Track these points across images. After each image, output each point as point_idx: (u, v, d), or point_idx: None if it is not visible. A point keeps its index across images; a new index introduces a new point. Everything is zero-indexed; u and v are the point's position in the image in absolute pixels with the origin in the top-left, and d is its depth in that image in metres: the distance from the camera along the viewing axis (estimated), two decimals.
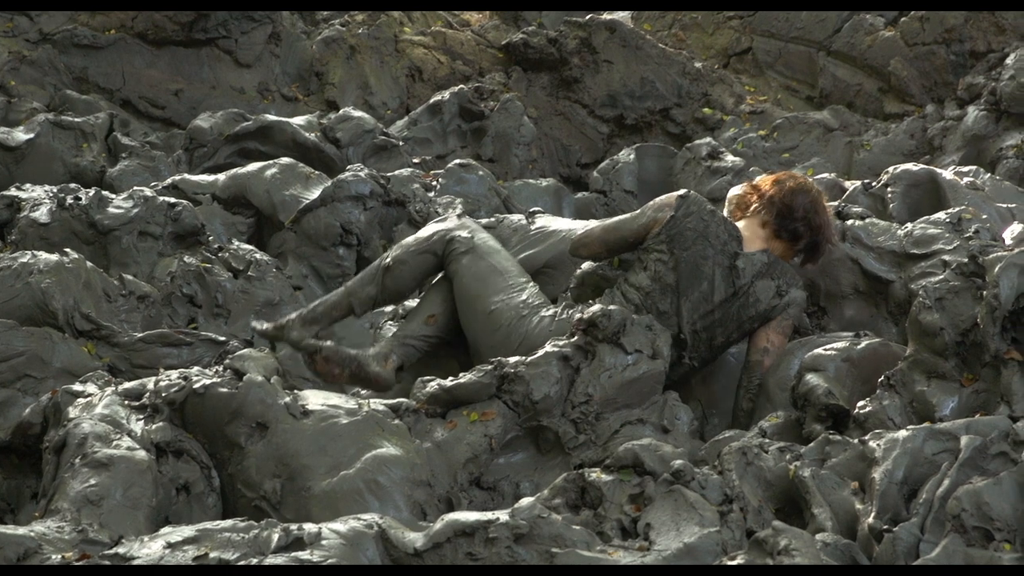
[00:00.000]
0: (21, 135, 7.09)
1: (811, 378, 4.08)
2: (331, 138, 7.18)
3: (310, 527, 3.17)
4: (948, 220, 4.82)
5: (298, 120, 7.36)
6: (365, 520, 3.23)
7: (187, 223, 5.62)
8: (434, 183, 6.56)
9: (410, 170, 6.64)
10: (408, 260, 4.84)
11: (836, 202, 5.33)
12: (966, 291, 3.87)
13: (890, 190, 5.47)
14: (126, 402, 3.96)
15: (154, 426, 3.86)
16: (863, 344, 4.29)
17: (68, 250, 5.10)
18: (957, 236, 4.72)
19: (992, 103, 7.81)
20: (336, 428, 3.82)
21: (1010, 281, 3.68)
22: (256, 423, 3.84)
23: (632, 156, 7.50)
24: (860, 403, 3.94)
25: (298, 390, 4.09)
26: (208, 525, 3.21)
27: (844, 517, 3.32)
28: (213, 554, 3.04)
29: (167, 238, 5.60)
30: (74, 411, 3.88)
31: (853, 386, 4.14)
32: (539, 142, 8.84)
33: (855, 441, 3.52)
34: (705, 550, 3.17)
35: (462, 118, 8.42)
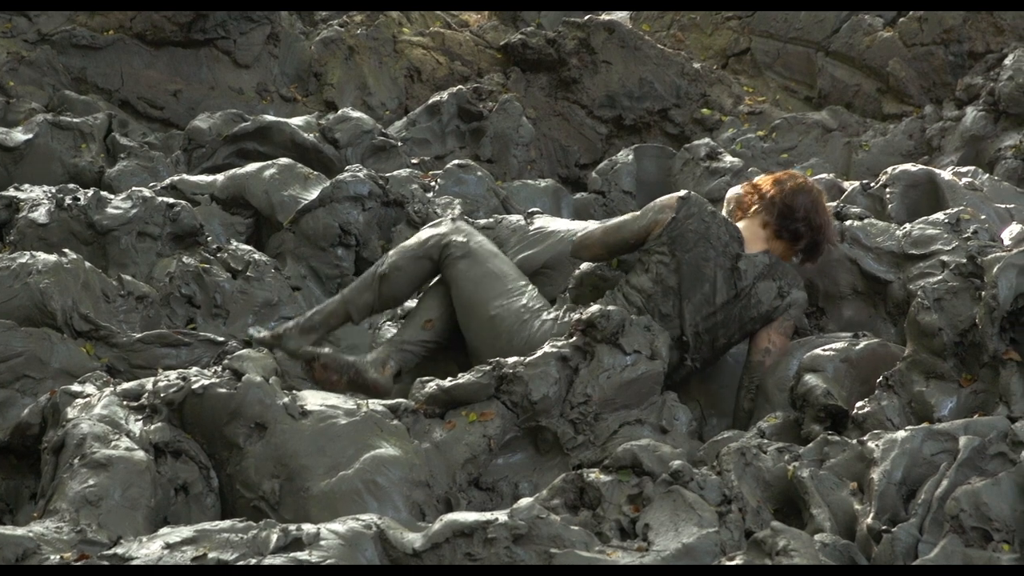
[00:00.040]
0: (20, 135, 7.07)
1: (810, 378, 4.08)
2: (330, 138, 7.17)
3: (309, 528, 3.17)
4: (947, 220, 4.82)
5: (297, 121, 7.35)
6: (364, 520, 3.23)
7: (186, 223, 5.62)
8: (433, 184, 6.56)
9: (409, 170, 6.63)
10: (404, 266, 4.83)
11: (835, 203, 5.33)
12: (965, 291, 3.87)
13: (888, 190, 5.48)
14: (125, 402, 3.96)
15: (153, 426, 3.86)
16: (862, 345, 4.29)
17: (67, 250, 5.10)
18: (956, 236, 4.73)
19: (990, 103, 7.81)
20: (335, 429, 3.82)
21: (1008, 281, 3.68)
22: (255, 423, 3.84)
23: (631, 157, 7.49)
24: (859, 403, 3.94)
25: (297, 390, 4.09)
26: (207, 526, 3.21)
27: (843, 518, 3.32)
28: (212, 554, 3.04)
29: (166, 238, 5.59)
30: (73, 412, 3.87)
31: (852, 386, 4.14)
32: (538, 143, 8.83)
33: (854, 442, 3.52)
34: (704, 550, 3.17)
35: (461, 119, 8.41)
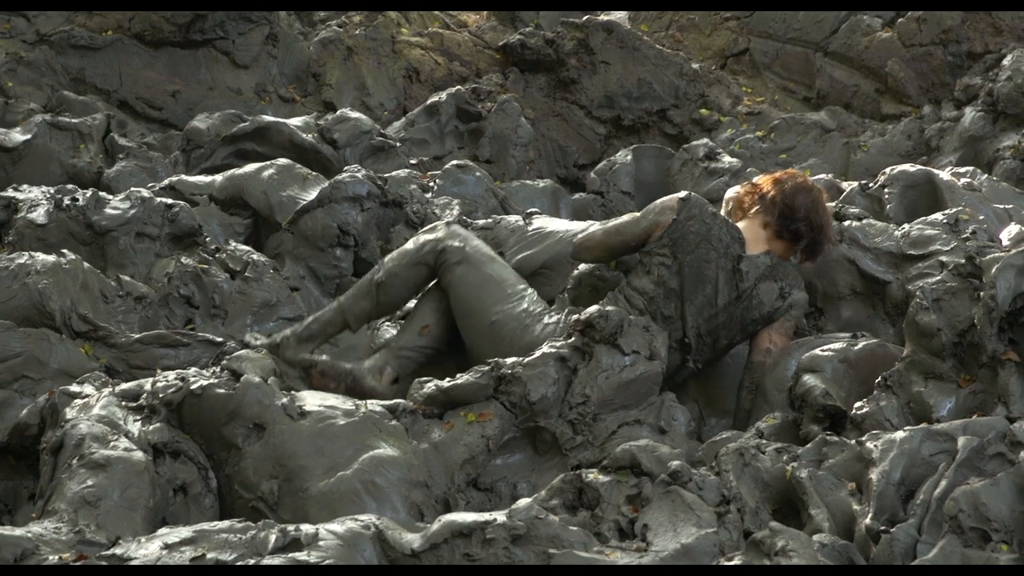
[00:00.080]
0: (18, 136, 7.06)
1: (808, 379, 4.08)
2: (328, 139, 7.16)
3: (307, 528, 3.17)
4: (945, 221, 4.82)
5: (295, 121, 7.35)
6: (362, 521, 3.23)
7: (184, 224, 5.61)
8: (431, 184, 6.55)
9: (407, 171, 6.62)
10: (401, 273, 4.82)
11: (833, 203, 5.33)
12: (963, 292, 3.87)
13: (887, 191, 5.48)
14: (123, 403, 3.96)
15: (151, 427, 3.86)
16: (860, 345, 4.29)
17: (65, 251, 5.09)
18: (954, 237, 4.73)
19: (989, 104, 7.81)
20: (333, 429, 3.82)
21: (1007, 282, 3.68)
22: (253, 424, 3.84)
23: (629, 157, 7.49)
24: (857, 404, 3.94)
25: (295, 391, 4.09)
26: (205, 526, 3.21)
27: (841, 518, 3.32)
28: (210, 555, 3.04)
29: (164, 239, 5.58)
30: (71, 412, 3.87)
31: (850, 387, 4.14)
32: (536, 143, 8.83)
33: (852, 442, 3.52)
34: (702, 551, 3.17)
35: (459, 119, 8.41)
